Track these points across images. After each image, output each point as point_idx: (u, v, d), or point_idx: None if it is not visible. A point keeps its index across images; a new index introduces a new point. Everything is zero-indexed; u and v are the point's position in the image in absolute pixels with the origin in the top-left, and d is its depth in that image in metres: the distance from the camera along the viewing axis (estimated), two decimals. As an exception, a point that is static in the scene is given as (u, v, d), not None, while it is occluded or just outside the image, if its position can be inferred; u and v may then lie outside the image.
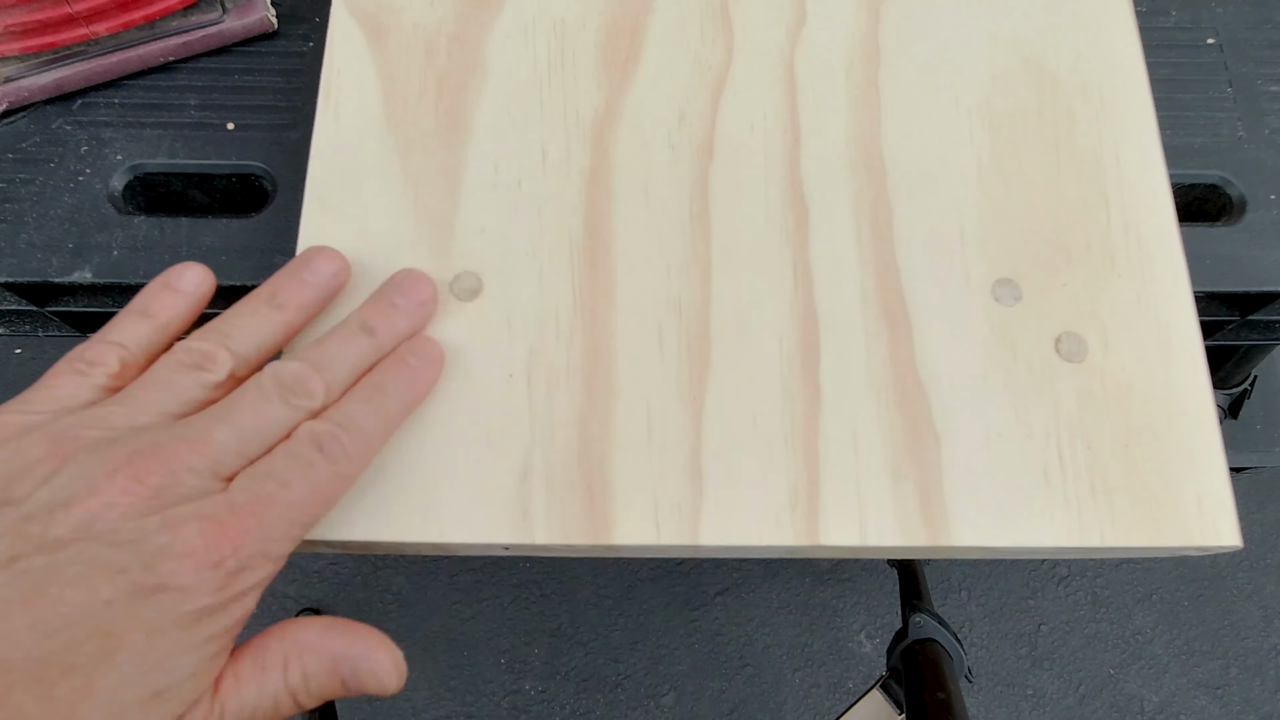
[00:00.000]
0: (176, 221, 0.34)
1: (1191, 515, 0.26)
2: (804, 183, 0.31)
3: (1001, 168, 0.31)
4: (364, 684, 0.23)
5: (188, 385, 0.23)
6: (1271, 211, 0.35)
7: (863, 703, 0.58)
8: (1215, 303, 0.38)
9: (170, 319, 0.25)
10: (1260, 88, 0.37)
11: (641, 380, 0.28)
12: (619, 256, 0.29)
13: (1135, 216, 0.30)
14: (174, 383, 0.23)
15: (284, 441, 0.23)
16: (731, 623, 1.02)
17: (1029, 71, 0.32)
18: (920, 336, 0.28)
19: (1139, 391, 0.28)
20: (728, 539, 0.26)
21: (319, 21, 0.38)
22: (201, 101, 0.36)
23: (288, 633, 0.23)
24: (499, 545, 0.26)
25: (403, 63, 0.32)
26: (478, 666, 1.00)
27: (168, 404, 0.23)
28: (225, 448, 0.22)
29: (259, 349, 0.25)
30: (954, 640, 0.57)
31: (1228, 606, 1.03)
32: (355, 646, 0.23)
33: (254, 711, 0.22)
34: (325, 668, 0.23)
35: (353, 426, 0.24)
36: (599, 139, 0.31)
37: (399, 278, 0.28)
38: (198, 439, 0.22)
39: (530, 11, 0.33)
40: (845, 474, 0.27)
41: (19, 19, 0.32)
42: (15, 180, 0.34)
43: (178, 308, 0.26)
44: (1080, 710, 0.99)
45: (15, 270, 0.33)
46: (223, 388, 0.24)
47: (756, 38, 0.33)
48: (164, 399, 0.23)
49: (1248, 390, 0.58)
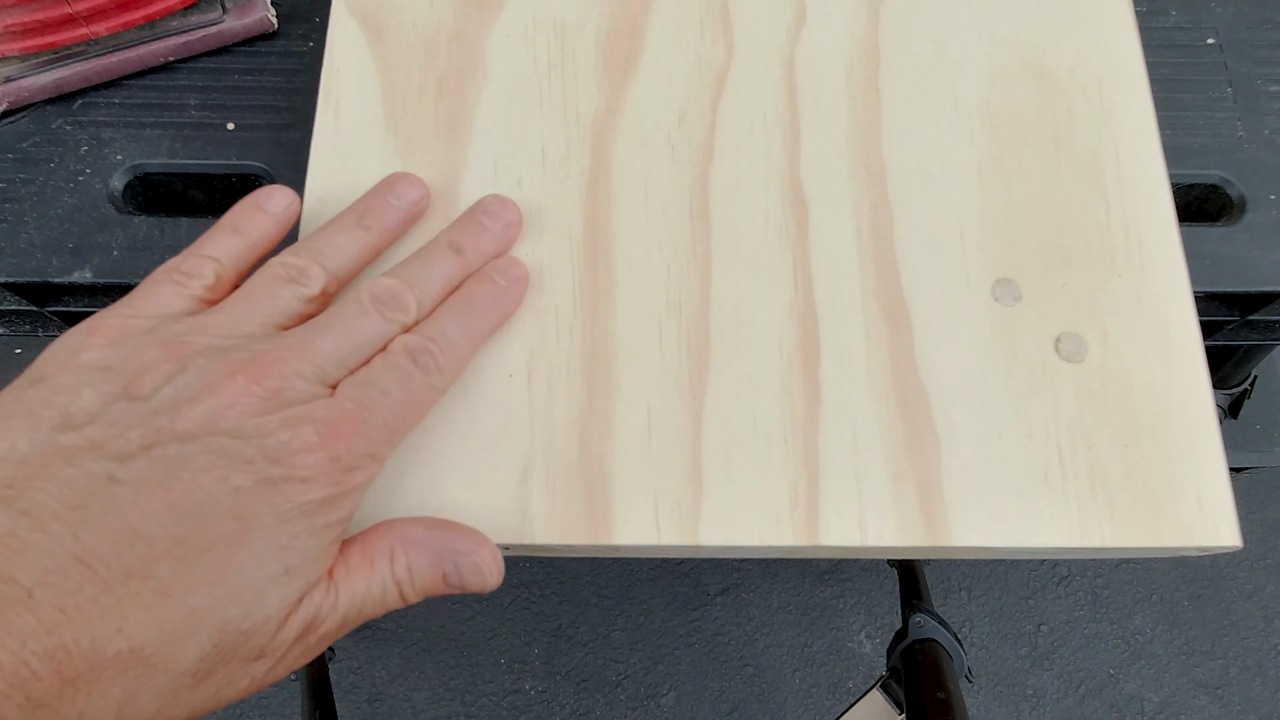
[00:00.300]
0: (176, 221, 0.34)
1: (1191, 515, 0.26)
2: (804, 183, 0.31)
3: (1001, 168, 0.31)
4: (465, 578, 0.25)
5: (286, 298, 0.25)
6: (1271, 211, 0.35)
7: (863, 703, 0.58)
8: (1215, 303, 0.38)
9: (260, 238, 0.27)
10: (1260, 88, 0.37)
11: (641, 380, 0.28)
12: (619, 256, 0.29)
13: (1135, 216, 0.30)
14: (273, 294, 0.25)
15: (381, 353, 0.24)
16: (731, 623, 1.02)
17: (1029, 71, 0.32)
18: (920, 336, 0.28)
19: (1139, 391, 0.28)
20: (728, 539, 0.26)
21: (319, 21, 0.38)
22: (201, 101, 0.36)
23: (394, 528, 0.24)
24: (499, 545, 0.26)
25: (403, 63, 0.32)
26: (478, 666, 1.00)
27: (269, 315, 0.24)
28: (329, 356, 0.24)
29: (349, 266, 0.27)
30: (954, 640, 0.57)
31: (1228, 606, 1.03)
32: (458, 542, 0.25)
33: (364, 599, 0.23)
34: (429, 561, 0.24)
35: (444, 340, 0.25)
36: (599, 139, 0.31)
37: (485, 202, 0.29)
38: (304, 347, 0.23)
39: (530, 11, 0.33)
40: (845, 474, 0.27)
41: (19, 19, 0.32)
42: (15, 180, 0.34)
43: (267, 227, 0.27)
44: (1080, 710, 0.99)
45: (15, 270, 0.33)
46: (316, 302, 0.26)
47: (756, 38, 0.33)
48: (265, 310, 0.24)
49: (1248, 390, 0.58)
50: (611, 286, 0.29)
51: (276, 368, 0.22)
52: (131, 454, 0.21)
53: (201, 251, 0.26)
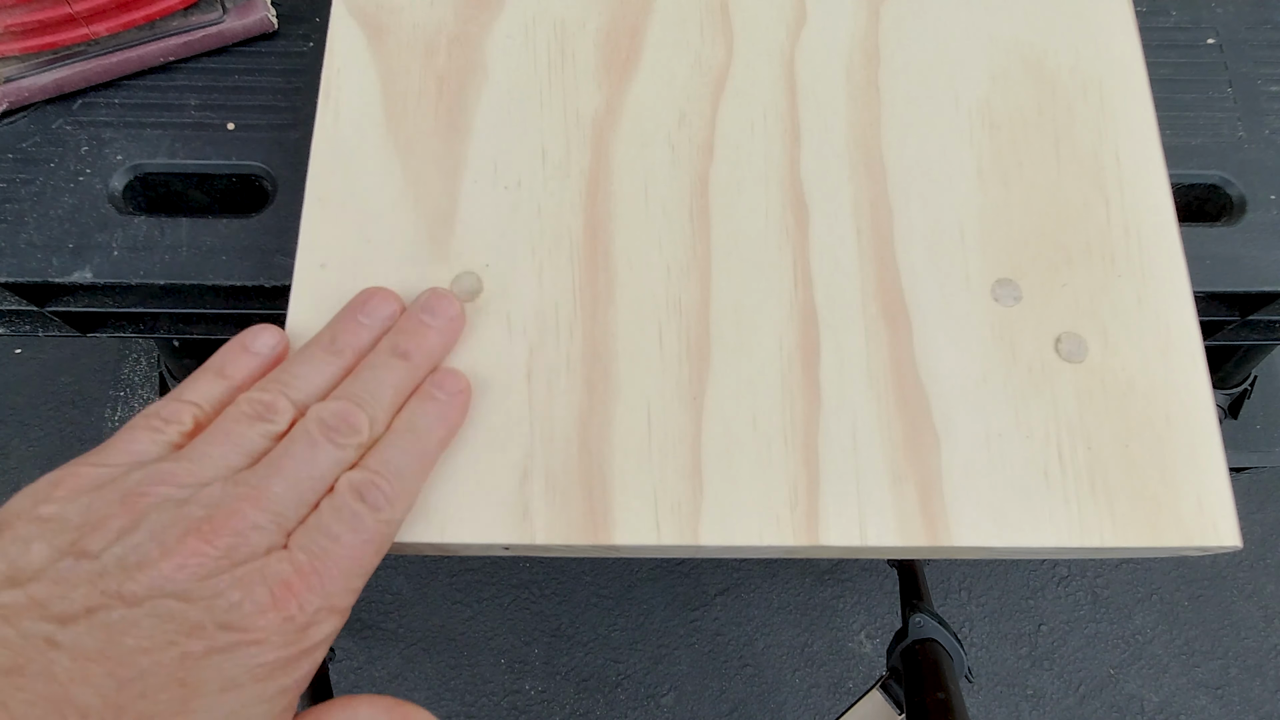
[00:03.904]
0: (176, 221, 0.34)
1: (1191, 515, 0.26)
2: (804, 183, 0.31)
3: (1001, 168, 0.31)
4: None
5: (252, 437, 0.24)
6: (1271, 211, 0.35)
7: (863, 703, 0.58)
8: (1215, 303, 0.38)
9: (244, 379, 0.26)
10: (1260, 88, 0.37)
11: (641, 380, 0.28)
12: (619, 256, 0.29)
13: (1135, 216, 0.30)
14: (239, 435, 0.24)
15: (328, 496, 0.24)
16: (731, 623, 1.02)
17: (1029, 71, 0.32)
18: (920, 336, 0.28)
19: (1139, 391, 0.28)
20: (728, 539, 0.26)
21: (319, 21, 0.38)
22: (201, 101, 0.36)
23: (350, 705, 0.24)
24: (499, 545, 0.26)
25: (403, 63, 0.32)
26: (478, 666, 1.00)
27: (232, 458, 0.24)
28: (284, 501, 0.23)
29: (318, 394, 0.26)
30: (954, 640, 0.57)
31: (1228, 606, 1.03)
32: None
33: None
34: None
35: (390, 472, 0.25)
36: (599, 139, 0.31)
37: (424, 298, 0.28)
38: (258, 496, 0.23)
39: (530, 11, 0.33)
40: (845, 474, 0.27)
41: (19, 19, 0.32)
42: (15, 180, 0.34)
43: (252, 368, 0.27)
44: (1080, 710, 0.99)
45: (15, 270, 0.33)
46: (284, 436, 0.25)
47: (756, 38, 0.33)
48: (229, 453, 0.24)
49: (1248, 390, 0.58)
50: (611, 286, 0.29)
51: (231, 522, 0.22)
52: (74, 616, 0.20)
53: (184, 397, 0.25)
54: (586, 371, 0.28)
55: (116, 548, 0.21)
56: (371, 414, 0.25)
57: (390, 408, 0.26)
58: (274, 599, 0.21)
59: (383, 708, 0.24)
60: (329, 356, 0.27)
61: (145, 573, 0.21)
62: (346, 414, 0.25)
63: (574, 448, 0.27)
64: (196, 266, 0.33)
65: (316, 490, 0.24)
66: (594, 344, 0.28)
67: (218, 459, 0.24)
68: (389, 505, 0.24)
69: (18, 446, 1.02)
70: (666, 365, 0.28)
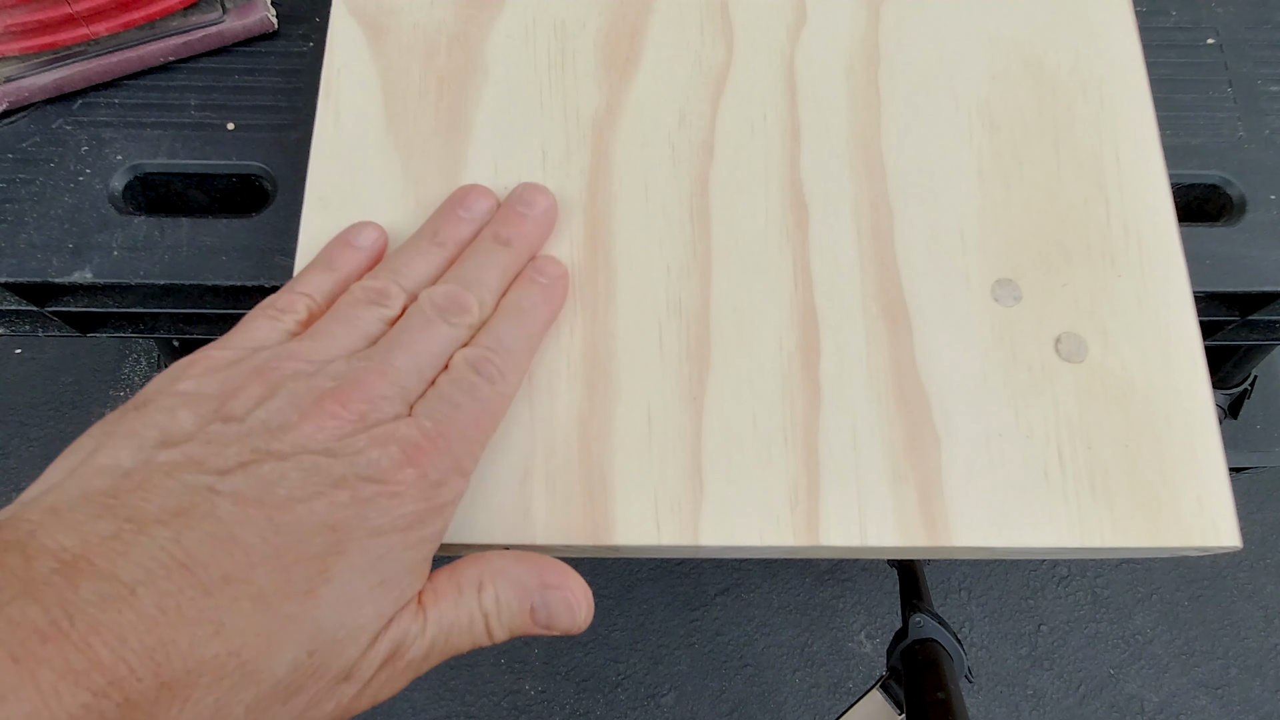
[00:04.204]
0: (176, 221, 0.34)
1: (1191, 515, 0.26)
2: (804, 183, 0.31)
3: (1001, 168, 0.31)
4: (553, 614, 0.25)
5: (369, 320, 0.26)
6: (1271, 211, 0.35)
7: (863, 703, 0.58)
8: (1215, 303, 0.38)
9: (351, 271, 0.28)
10: (1260, 88, 0.37)
11: (641, 380, 0.28)
12: (619, 256, 0.29)
13: (1135, 216, 0.30)
14: (356, 318, 0.26)
15: (445, 371, 0.25)
16: (731, 623, 1.02)
17: (1029, 71, 0.32)
18: (920, 336, 0.28)
19: (1139, 391, 0.28)
20: (728, 539, 0.26)
21: (319, 21, 0.38)
22: (201, 101, 0.36)
23: (482, 559, 0.25)
24: (499, 545, 0.26)
25: (403, 63, 0.32)
26: (478, 666, 1.00)
27: (351, 339, 0.25)
28: (407, 374, 0.25)
29: (426, 282, 0.28)
30: (954, 640, 0.57)
31: (1228, 606, 1.03)
32: (547, 575, 0.25)
33: (451, 627, 0.24)
34: (516, 593, 0.24)
35: (501, 348, 0.26)
36: (599, 139, 0.31)
37: (519, 191, 0.30)
38: (383, 369, 0.24)
39: (530, 11, 0.33)
40: (845, 474, 0.27)
41: (19, 19, 0.32)
42: (15, 180, 0.34)
43: (358, 260, 0.28)
44: (1080, 710, 0.99)
45: (15, 270, 0.33)
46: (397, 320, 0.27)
47: (756, 38, 0.33)
48: (349, 334, 0.26)
49: (1248, 390, 0.58)
50: (611, 286, 0.29)
51: (360, 390, 0.23)
52: (229, 469, 0.22)
53: (296, 289, 0.27)
54: (586, 371, 0.28)
55: (260, 412, 0.23)
56: (480, 296, 0.27)
57: (496, 290, 0.27)
58: (407, 457, 0.23)
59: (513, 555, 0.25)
60: (433, 248, 0.28)
61: (288, 434, 0.22)
62: (457, 296, 0.26)
63: (574, 448, 0.27)
64: (196, 266, 0.33)
65: (434, 366, 0.25)
66: (594, 344, 0.28)
67: (340, 338, 0.25)
68: (502, 378, 0.26)
69: (18, 447, 1.02)
70: (666, 365, 0.28)
